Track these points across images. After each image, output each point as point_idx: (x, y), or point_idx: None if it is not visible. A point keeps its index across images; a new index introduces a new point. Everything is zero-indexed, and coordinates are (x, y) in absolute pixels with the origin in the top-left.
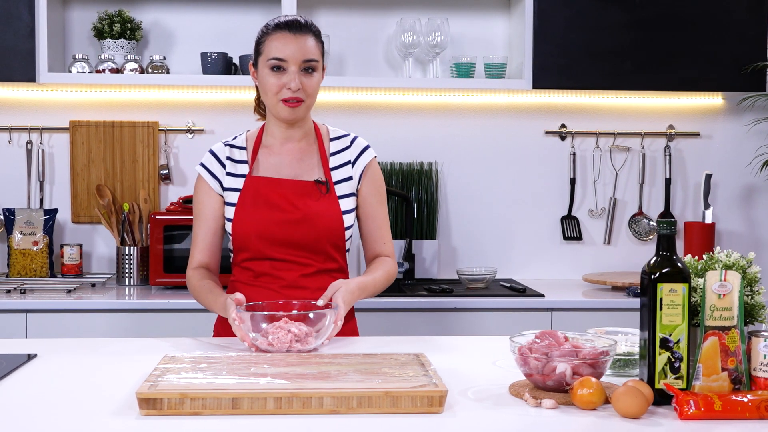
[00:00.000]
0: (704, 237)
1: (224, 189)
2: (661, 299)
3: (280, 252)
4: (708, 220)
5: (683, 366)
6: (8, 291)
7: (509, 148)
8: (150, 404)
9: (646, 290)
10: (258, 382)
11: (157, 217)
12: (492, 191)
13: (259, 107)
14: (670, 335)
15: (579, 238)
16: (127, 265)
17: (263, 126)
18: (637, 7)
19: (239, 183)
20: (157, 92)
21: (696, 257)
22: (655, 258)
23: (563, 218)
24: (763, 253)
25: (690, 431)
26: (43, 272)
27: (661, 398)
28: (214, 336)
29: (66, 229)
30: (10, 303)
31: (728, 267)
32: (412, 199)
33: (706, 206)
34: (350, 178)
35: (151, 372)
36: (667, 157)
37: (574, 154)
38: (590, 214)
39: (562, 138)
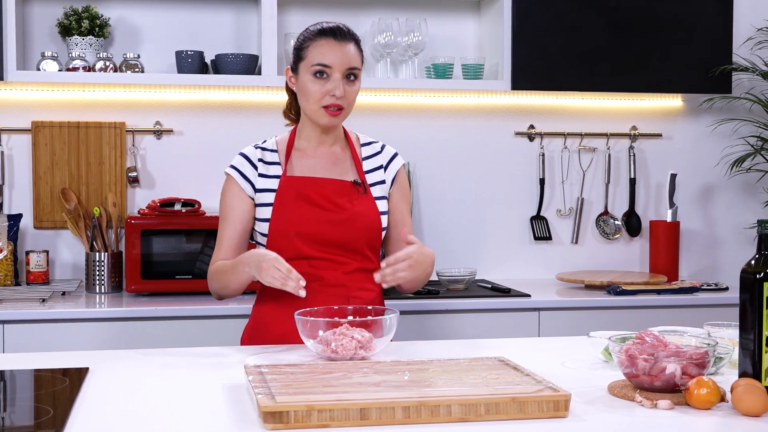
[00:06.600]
0: (669, 235)
1: (256, 191)
2: (766, 298)
3: (318, 251)
4: (670, 219)
5: None
6: None
7: (480, 149)
8: (276, 418)
9: (749, 289)
10: (381, 391)
11: (134, 222)
12: (463, 192)
13: (290, 112)
14: None
15: (549, 237)
16: (97, 272)
17: (294, 130)
18: (611, 9)
19: (273, 183)
20: (123, 92)
21: None
22: (757, 257)
23: (533, 218)
24: (722, 250)
25: None
26: (7, 281)
27: None
28: (242, 345)
29: (27, 235)
30: None
31: None
32: None
33: (671, 205)
34: (383, 182)
35: (251, 384)
36: (631, 157)
37: (542, 155)
38: (558, 214)
39: (531, 139)
